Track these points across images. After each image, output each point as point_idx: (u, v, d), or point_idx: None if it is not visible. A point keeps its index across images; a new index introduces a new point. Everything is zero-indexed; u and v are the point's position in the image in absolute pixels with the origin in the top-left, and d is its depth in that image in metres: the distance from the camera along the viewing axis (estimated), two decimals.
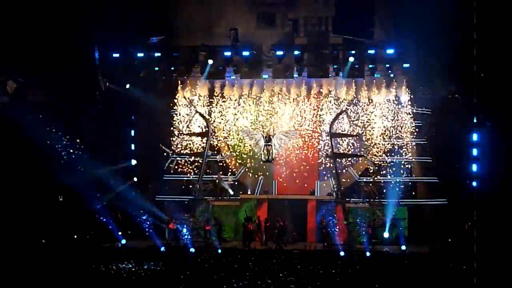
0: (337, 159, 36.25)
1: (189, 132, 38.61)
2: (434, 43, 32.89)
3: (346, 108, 37.35)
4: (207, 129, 37.63)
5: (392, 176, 37.02)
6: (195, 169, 38.52)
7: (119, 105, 37.48)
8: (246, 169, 38.85)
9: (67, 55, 33.43)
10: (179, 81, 38.89)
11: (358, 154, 37.16)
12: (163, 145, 37.35)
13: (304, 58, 35.52)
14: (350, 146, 37.57)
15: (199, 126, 38.78)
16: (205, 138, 37.59)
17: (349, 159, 37.79)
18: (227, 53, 35.83)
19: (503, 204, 32.10)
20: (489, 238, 30.59)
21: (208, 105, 39.22)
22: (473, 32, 31.34)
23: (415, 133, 37.58)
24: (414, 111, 37.45)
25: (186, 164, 38.75)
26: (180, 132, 38.43)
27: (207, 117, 38.28)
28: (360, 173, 37.77)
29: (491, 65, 32.57)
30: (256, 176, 38.74)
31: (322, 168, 38.30)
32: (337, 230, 34.20)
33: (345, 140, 37.60)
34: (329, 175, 38.13)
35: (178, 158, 37.90)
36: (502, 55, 32.14)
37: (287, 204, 36.56)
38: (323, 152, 37.90)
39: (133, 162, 38.47)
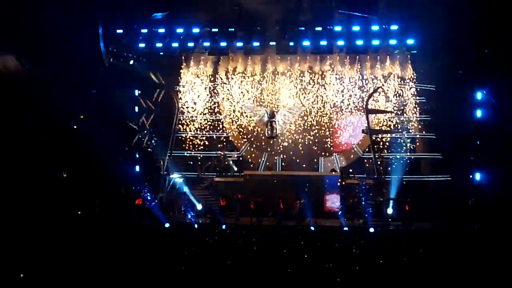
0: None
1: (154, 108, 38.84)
2: (438, 19, 32.74)
3: (382, 84, 37.34)
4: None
5: (396, 152, 37.07)
6: (200, 146, 38.88)
7: (122, 81, 37.41)
8: (250, 146, 38.97)
9: (71, 31, 33.33)
10: (183, 57, 38.88)
11: (394, 130, 37.34)
12: (129, 121, 37.53)
13: (309, 34, 35.36)
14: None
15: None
16: (177, 114, 38.31)
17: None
18: (231, 29, 35.66)
19: (506, 180, 32.19)
20: (492, 214, 30.77)
21: (212, 82, 39.26)
22: (477, 8, 31.40)
23: (419, 110, 37.58)
24: (418, 87, 37.38)
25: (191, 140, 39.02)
26: (147, 107, 38.46)
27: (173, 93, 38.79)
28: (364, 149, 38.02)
29: (495, 41, 32.54)
30: (260, 152, 38.89)
31: (326, 144, 38.37)
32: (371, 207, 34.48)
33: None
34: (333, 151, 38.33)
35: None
36: (506, 31, 32.07)
37: (291, 180, 36.62)
38: (328, 127, 38.08)
39: (137, 138, 38.50)
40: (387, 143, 37.47)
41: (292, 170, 37.91)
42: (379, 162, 35.36)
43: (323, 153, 38.51)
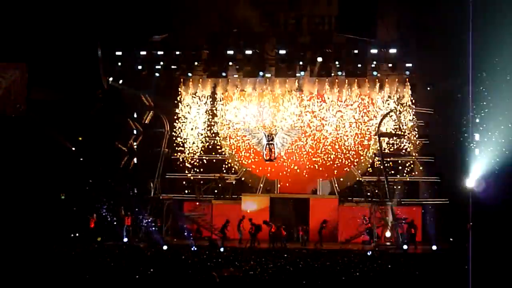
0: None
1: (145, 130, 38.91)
2: (437, 42, 32.89)
3: (394, 108, 37.35)
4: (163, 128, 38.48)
5: (394, 175, 36.97)
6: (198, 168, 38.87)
7: (121, 103, 37.50)
8: (249, 168, 38.97)
9: (70, 53, 33.47)
10: (182, 80, 38.89)
11: (406, 154, 37.33)
12: (119, 143, 37.63)
13: (307, 57, 35.41)
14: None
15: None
16: (166, 137, 38.40)
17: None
18: (230, 52, 35.69)
19: (504, 204, 32.17)
20: (490, 238, 30.66)
21: (210, 104, 39.25)
22: (475, 32, 31.50)
23: (417, 132, 37.56)
24: (416, 110, 37.36)
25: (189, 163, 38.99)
26: (137, 129, 38.57)
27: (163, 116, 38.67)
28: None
29: (493, 65, 32.64)
30: (258, 175, 38.87)
31: (324, 167, 38.31)
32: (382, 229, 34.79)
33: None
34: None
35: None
36: (503, 54, 32.19)
37: (290, 203, 36.70)
38: (326, 150, 38.10)
39: (135, 160, 38.43)
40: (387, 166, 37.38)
41: (290, 193, 37.89)
42: (392, 185, 35.32)
43: (321, 176, 38.41)
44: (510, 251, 28.34)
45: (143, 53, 36.08)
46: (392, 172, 36.97)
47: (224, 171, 39.05)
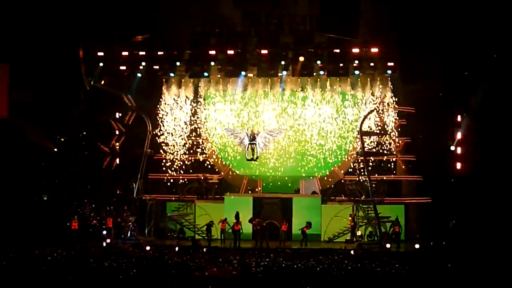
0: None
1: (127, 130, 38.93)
2: (418, 42, 32.99)
3: (376, 107, 37.39)
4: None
5: (377, 174, 37.04)
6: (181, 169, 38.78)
7: (103, 103, 37.39)
8: (231, 168, 38.97)
9: (52, 53, 33.29)
10: (164, 80, 38.80)
11: (388, 153, 37.40)
12: (101, 143, 37.66)
13: (289, 56, 35.40)
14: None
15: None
16: (149, 137, 38.70)
17: None
18: (212, 52, 35.60)
19: (486, 201, 32.40)
20: (473, 236, 30.88)
21: (192, 104, 39.18)
22: (456, 31, 31.72)
23: (399, 132, 37.65)
24: (398, 109, 37.47)
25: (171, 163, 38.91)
26: (119, 129, 38.53)
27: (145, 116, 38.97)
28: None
29: (474, 64, 32.87)
30: (241, 175, 38.88)
31: (307, 166, 38.36)
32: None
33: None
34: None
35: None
36: (485, 54, 32.43)
37: (273, 203, 36.71)
38: (309, 149, 38.14)
39: (117, 161, 38.34)
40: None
41: (273, 193, 37.92)
42: (374, 184, 35.44)
43: (304, 175, 38.44)
44: (491, 248, 28.59)
45: (125, 53, 35.96)
46: (374, 171, 37.01)
47: (208, 170, 39.05)
